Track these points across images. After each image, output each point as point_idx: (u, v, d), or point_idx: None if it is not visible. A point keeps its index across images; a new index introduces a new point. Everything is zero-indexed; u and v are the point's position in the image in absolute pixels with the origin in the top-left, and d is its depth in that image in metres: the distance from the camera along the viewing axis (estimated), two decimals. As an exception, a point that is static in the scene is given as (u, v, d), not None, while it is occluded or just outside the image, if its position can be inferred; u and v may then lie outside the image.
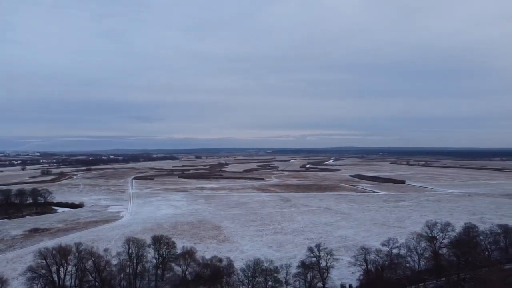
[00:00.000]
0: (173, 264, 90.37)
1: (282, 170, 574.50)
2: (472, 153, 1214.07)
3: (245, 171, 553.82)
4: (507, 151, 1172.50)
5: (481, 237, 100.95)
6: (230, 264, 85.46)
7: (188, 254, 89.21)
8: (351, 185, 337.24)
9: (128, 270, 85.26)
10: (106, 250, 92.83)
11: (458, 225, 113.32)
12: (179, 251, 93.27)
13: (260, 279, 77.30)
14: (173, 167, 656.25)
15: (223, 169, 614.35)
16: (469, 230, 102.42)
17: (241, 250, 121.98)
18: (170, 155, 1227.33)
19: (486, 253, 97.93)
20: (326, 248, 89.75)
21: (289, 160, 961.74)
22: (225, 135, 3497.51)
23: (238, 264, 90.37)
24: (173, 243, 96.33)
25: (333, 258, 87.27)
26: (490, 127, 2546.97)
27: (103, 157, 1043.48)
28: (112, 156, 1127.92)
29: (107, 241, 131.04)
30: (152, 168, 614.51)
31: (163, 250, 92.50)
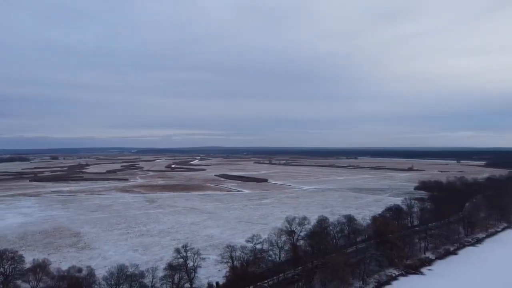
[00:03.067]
0: (19, 282, 78.79)
1: (148, 170, 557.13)
2: (324, 152, 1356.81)
3: (108, 172, 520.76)
4: (351, 150, 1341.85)
5: (331, 227, 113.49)
6: (90, 273, 79.42)
7: (40, 267, 79.27)
8: (217, 185, 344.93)
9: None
10: None
11: (313, 218, 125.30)
12: (28, 266, 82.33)
13: (124, 286, 73.74)
14: (22, 169, 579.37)
15: (84, 170, 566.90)
16: (322, 222, 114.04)
17: (103, 256, 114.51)
18: (19, 156, 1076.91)
19: (334, 240, 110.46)
20: (193, 248, 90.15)
21: (154, 160, 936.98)
22: (85, 134, 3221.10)
23: (100, 272, 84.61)
24: (20, 256, 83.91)
25: (200, 258, 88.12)
26: (339, 129, 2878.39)
27: None
28: None
29: None
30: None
31: (6, 266, 79.61)
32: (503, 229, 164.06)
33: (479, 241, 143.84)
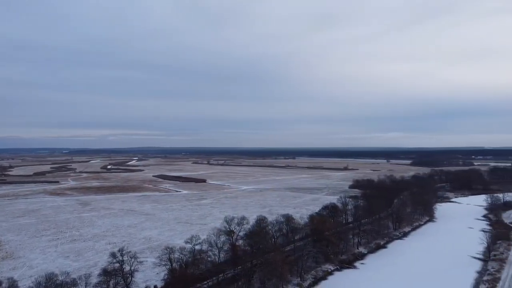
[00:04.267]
0: None
1: (81, 172, 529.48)
2: (263, 152, 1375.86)
3: (36, 174, 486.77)
4: (290, 151, 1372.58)
5: (270, 227, 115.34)
6: (13, 285, 73.53)
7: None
8: (155, 186, 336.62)
9: None
10: None
11: (252, 218, 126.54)
12: None
13: (54, 295, 69.33)
14: None
15: (7, 172, 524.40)
16: (261, 221, 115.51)
17: (29, 265, 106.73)
18: None
19: (273, 239, 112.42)
20: (130, 251, 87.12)
21: (88, 161, 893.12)
22: (8, 133, 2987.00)
23: (25, 283, 79.12)
24: None
25: (138, 261, 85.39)
26: (277, 129, 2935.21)
27: None
28: None
29: None
30: None
31: None
32: (425, 222, 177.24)
33: (405, 234, 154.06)
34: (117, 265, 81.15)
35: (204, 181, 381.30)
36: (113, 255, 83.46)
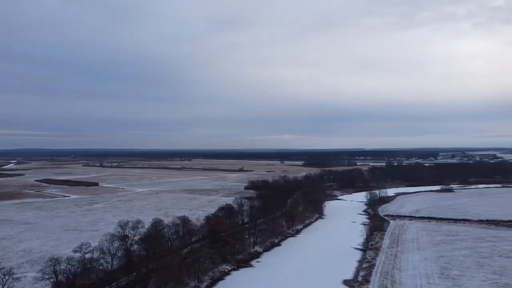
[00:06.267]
0: None
1: None
2: (159, 154, 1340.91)
3: None
4: (186, 152, 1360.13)
5: (166, 230, 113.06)
6: None
7: None
8: (38, 191, 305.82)
9: None
10: None
11: (147, 221, 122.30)
12: None
13: None
14: None
15: None
16: (156, 224, 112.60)
17: None
18: None
19: (170, 242, 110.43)
20: (3, 268, 77.75)
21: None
22: None
23: None
24: None
25: (13, 278, 76.51)
26: (174, 131, 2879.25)
27: None
28: None
29: None
30: None
31: None
32: (316, 219, 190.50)
33: (298, 232, 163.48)
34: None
35: (96, 184, 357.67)
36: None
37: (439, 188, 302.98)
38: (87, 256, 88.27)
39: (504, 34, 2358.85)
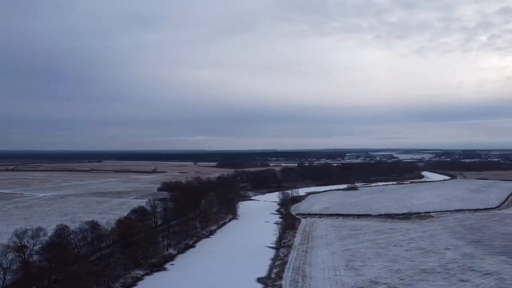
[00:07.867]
0: None
1: None
2: (64, 156, 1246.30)
3: None
4: (96, 154, 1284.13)
5: (72, 236, 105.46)
6: None
7: None
8: None
9: None
10: None
11: (51, 228, 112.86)
12: None
13: None
14: None
15: None
16: (61, 231, 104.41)
17: None
18: None
19: (76, 250, 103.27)
20: None
21: None
22: None
23: None
24: None
25: None
26: (81, 131, 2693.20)
27: None
28: None
29: None
30: None
31: None
32: (230, 220, 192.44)
33: (212, 232, 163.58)
34: None
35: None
36: None
37: (346, 187, 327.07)
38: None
39: (398, 47, 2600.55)
